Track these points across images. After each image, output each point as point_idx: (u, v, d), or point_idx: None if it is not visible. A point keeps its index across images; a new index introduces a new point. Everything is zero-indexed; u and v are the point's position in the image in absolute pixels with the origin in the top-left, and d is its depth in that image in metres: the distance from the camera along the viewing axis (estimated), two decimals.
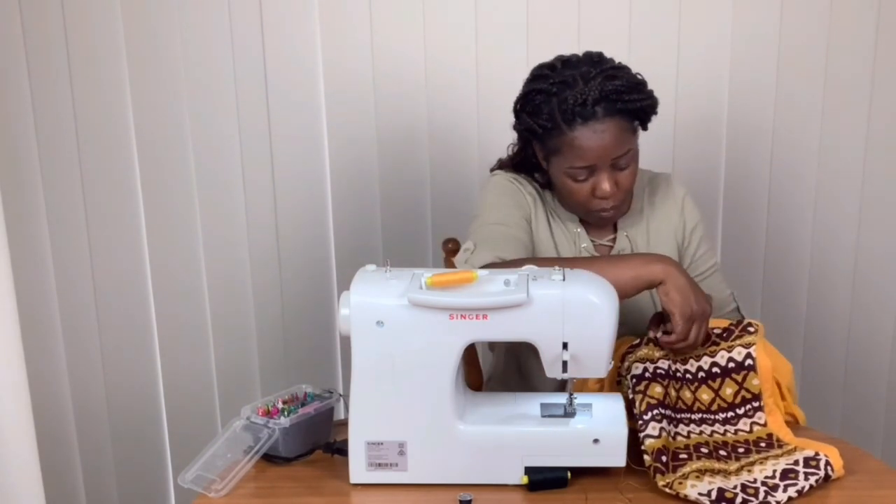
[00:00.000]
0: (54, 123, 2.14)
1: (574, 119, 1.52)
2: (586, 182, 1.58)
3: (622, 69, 1.58)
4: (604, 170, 1.56)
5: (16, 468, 1.72)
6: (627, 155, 1.57)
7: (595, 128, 1.52)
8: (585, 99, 1.51)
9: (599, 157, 1.54)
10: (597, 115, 1.52)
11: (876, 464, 1.40)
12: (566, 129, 1.53)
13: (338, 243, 2.26)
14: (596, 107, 1.52)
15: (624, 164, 1.57)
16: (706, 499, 1.26)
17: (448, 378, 1.32)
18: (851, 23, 2.15)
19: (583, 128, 1.53)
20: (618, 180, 1.58)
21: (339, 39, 2.15)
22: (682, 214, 1.73)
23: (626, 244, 1.70)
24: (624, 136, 1.55)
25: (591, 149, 1.53)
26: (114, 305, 2.26)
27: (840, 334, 2.34)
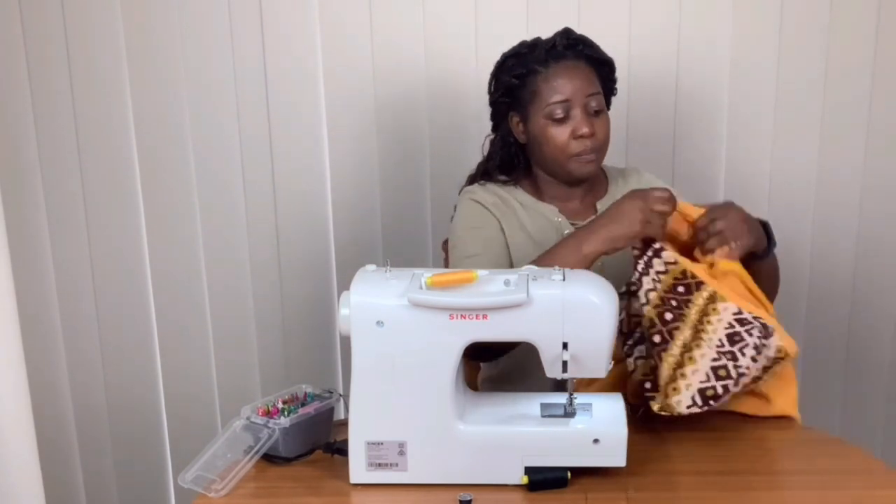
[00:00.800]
0: (54, 123, 2.14)
1: (547, 60, 1.69)
2: (565, 124, 1.68)
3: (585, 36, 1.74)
4: (579, 107, 1.68)
5: (16, 468, 1.72)
6: (598, 96, 1.69)
7: (567, 65, 1.69)
8: (554, 44, 1.70)
9: (574, 92, 1.67)
10: (567, 55, 1.70)
11: (876, 464, 1.40)
12: (541, 69, 1.69)
13: (338, 243, 2.26)
14: (567, 50, 1.70)
15: (597, 107, 1.69)
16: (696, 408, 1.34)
17: (448, 378, 1.32)
18: (851, 23, 2.15)
19: (556, 65, 1.69)
20: (595, 127, 1.69)
21: (339, 39, 2.15)
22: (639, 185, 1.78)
23: None
24: (593, 78, 1.70)
25: (566, 82, 1.67)
26: (114, 305, 2.26)
27: (840, 334, 2.34)
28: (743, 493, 1.33)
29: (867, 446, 1.63)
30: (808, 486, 1.34)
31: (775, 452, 1.45)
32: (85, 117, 2.14)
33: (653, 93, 2.16)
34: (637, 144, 2.16)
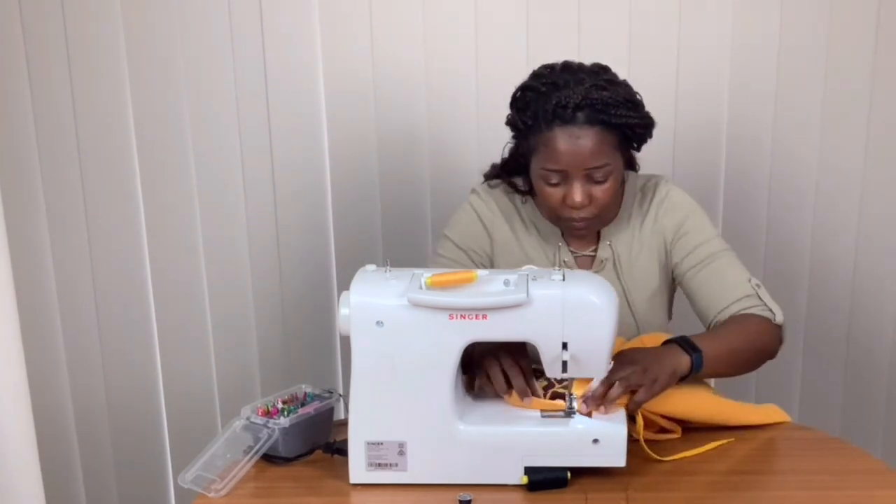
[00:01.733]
0: (54, 123, 2.14)
1: (553, 120, 1.51)
2: (558, 188, 1.56)
3: (618, 84, 1.56)
4: (577, 178, 1.54)
5: (16, 468, 1.72)
6: (603, 168, 1.54)
7: (572, 132, 1.51)
8: (568, 102, 1.50)
9: (571, 164, 1.52)
10: (577, 120, 1.50)
11: (876, 464, 1.40)
12: (545, 128, 1.52)
13: (338, 243, 2.26)
14: (577, 112, 1.50)
15: (600, 178, 1.54)
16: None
17: (448, 378, 1.32)
18: (851, 23, 2.15)
19: (560, 130, 1.51)
20: (592, 193, 1.55)
21: (339, 39, 2.15)
22: (667, 214, 1.68)
23: (608, 254, 1.68)
24: (603, 148, 1.52)
25: (564, 153, 1.51)
26: (114, 305, 2.26)
27: (840, 334, 2.34)
28: (743, 493, 1.33)
29: (867, 446, 1.63)
30: (808, 486, 1.34)
31: (775, 452, 1.46)
32: (85, 117, 2.14)
33: (653, 93, 2.15)
34: None
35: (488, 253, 1.72)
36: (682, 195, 1.71)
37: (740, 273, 1.64)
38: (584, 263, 1.69)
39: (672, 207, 1.68)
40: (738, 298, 1.60)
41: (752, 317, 1.59)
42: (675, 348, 1.49)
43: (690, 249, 1.66)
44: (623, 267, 1.68)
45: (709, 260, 1.64)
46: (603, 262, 1.68)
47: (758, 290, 1.62)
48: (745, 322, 1.58)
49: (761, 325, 1.59)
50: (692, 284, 1.65)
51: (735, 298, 1.60)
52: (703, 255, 1.65)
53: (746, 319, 1.59)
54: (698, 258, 1.65)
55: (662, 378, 1.42)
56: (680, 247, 1.67)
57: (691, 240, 1.66)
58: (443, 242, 1.74)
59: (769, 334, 1.60)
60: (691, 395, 1.50)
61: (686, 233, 1.67)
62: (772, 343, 1.60)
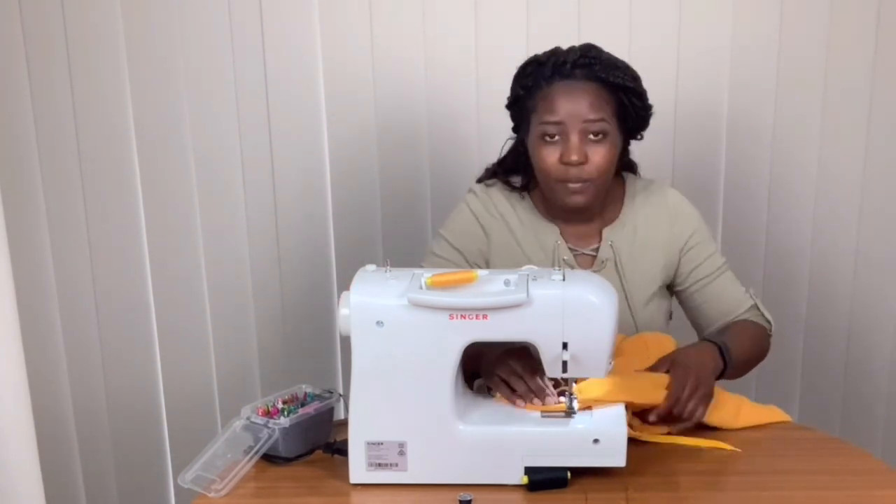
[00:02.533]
0: (54, 123, 2.14)
1: (553, 75, 1.58)
2: (556, 146, 1.58)
3: (614, 57, 1.62)
4: (574, 132, 1.56)
5: (16, 468, 1.72)
6: (600, 123, 1.56)
7: (571, 85, 1.57)
8: (566, 60, 1.58)
9: (570, 114, 1.56)
10: (574, 75, 1.57)
11: (876, 464, 1.40)
12: (544, 84, 1.59)
13: (338, 243, 2.26)
14: (575, 69, 1.57)
15: (596, 132, 1.56)
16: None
17: (448, 378, 1.32)
18: (851, 23, 2.15)
19: (559, 83, 1.58)
20: (589, 154, 1.57)
21: (339, 39, 2.15)
22: (677, 223, 1.70)
23: (609, 253, 1.68)
24: (600, 103, 1.57)
25: (563, 103, 1.56)
26: (114, 305, 2.26)
27: (840, 334, 2.34)
28: (743, 493, 1.33)
29: (867, 446, 1.63)
30: (808, 486, 1.34)
31: (775, 452, 1.45)
32: (85, 117, 2.14)
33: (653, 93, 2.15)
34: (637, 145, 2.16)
35: (484, 252, 1.72)
36: (685, 203, 1.74)
37: (740, 286, 1.74)
38: (584, 262, 1.69)
39: (687, 217, 1.72)
40: (744, 310, 1.70)
41: (756, 325, 1.70)
42: (715, 351, 1.55)
43: (700, 261, 1.71)
44: (624, 267, 1.68)
45: (717, 273, 1.71)
46: (604, 262, 1.68)
47: (755, 300, 1.72)
48: (751, 330, 1.68)
49: (762, 334, 1.71)
50: (699, 296, 1.71)
51: (741, 310, 1.70)
52: (711, 269, 1.71)
53: (751, 327, 1.68)
54: (706, 271, 1.71)
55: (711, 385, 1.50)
56: (691, 257, 1.71)
57: (701, 252, 1.71)
58: (438, 241, 1.74)
59: (766, 343, 1.72)
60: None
61: (697, 244, 1.71)
62: (767, 350, 1.71)
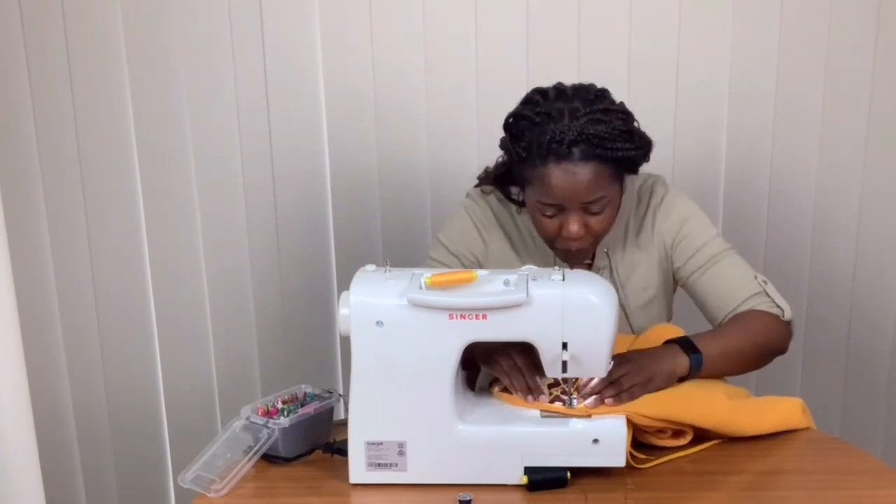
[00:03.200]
0: (54, 123, 2.13)
1: (548, 155, 1.47)
2: (554, 219, 1.54)
3: (615, 113, 1.51)
4: (573, 211, 1.51)
5: (16, 468, 1.72)
6: (600, 201, 1.51)
7: (568, 168, 1.47)
8: (563, 138, 1.45)
9: (568, 199, 1.49)
10: (572, 156, 1.46)
11: (876, 464, 1.40)
12: (539, 163, 1.48)
13: (338, 243, 2.26)
14: (573, 147, 1.46)
15: (596, 210, 1.52)
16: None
17: (448, 378, 1.32)
18: (851, 23, 2.15)
19: (555, 166, 1.47)
20: (588, 224, 1.53)
21: (339, 40, 2.15)
22: (666, 217, 1.67)
23: (604, 262, 1.68)
24: (599, 182, 1.49)
25: (561, 189, 1.48)
26: (114, 305, 2.25)
27: (840, 334, 2.34)
28: (743, 493, 1.33)
29: (867, 446, 1.63)
30: (808, 486, 1.34)
31: (775, 452, 1.45)
32: (85, 117, 2.14)
33: (653, 93, 2.16)
34: None
35: (479, 259, 1.70)
36: (679, 197, 1.69)
37: (746, 271, 1.63)
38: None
39: (669, 212, 1.67)
40: (747, 297, 1.59)
41: (758, 314, 1.58)
42: (675, 349, 1.49)
43: (692, 253, 1.65)
44: (620, 275, 1.67)
45: (713, 261, 1.63)
46: (599, 271, 1.67)
47: (765, 286, 1.60)
48: (750, 320, 1.57)
49: (768, 322, 1.58)
50: (698, 287, 1.64)
51: (744, 298, 1.59)
52: (707, 258, 1.64)
53: (751, 317, 1.57)
54: (701, 261, 1.64)
55: (658, 379, 1.43)
56: (681, 251, 1.66)
57: (692, 243, 1.65)
58: (436, 246, 1.73)
59: (776, 331, 1.58)
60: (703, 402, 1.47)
61: (686, 236, 1.65)
62: (779, 339, 1.59)
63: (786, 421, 1.50)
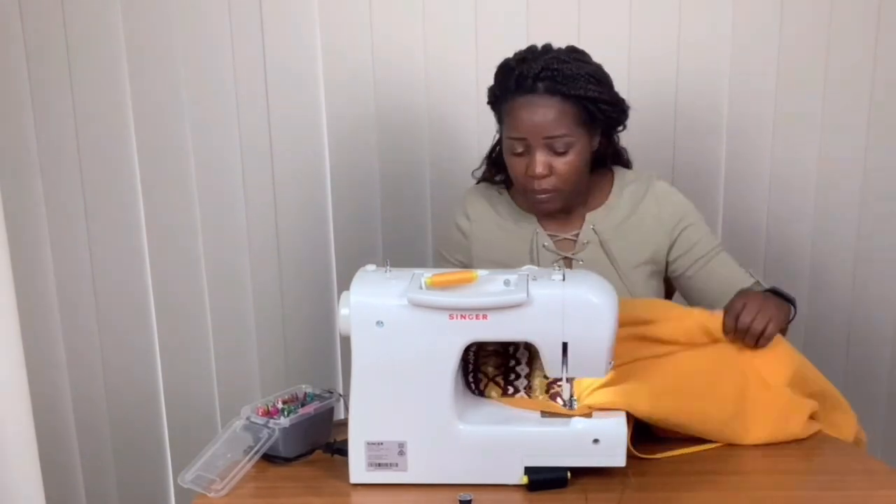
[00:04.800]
0: (54, 123, 2.14)
1: (516, 90, 1.58)
2: (522, 158, 1.61)
3: (585, 62, 1.61)
4: (537, 148, 1.58)
5: (16, 468, 1.72)
6: (563, 139, 1.58)
7: (532, 100, 1.57)
8: (529, 72, 1.56)
9: (530, 132, 1.57)
10: (536, 89, 1.56)
11: (876, 464, 1.40)
12: (508, 97, 1.59)
13: (338, 243, 2.26)
14: (537, 82, 1.56)
15: (560, 148, 1.59)
16: None
17: (448, 378, 1.32)
18: (851, 23, 2.15)
19: (521, 98, 1.57)
20: (553, 165, 1.60)
21: (339, 39, 2.15)
22: (664, 208, 1.73)
23: (591, 236, 1.72)
24: (562, 119, 1.57)
25: (524, 121, 1.57)
26: (114, 305, 2.26)
27: (840, 334, 2.34)
28: (743, 493, 1.33)
29: (867, 446, 1.63)
30: (808, 486, 1.34)
31: (775, 452, 1.45)
32: (85, 117, 2.14)
33: (653, 93, 2.16)
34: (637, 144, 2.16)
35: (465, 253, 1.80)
36: (673, 191, 1.76)
37: (738, 265, 1.74)
38: (565, 246, 1.73)
39: (673, 201, 1.74)
40: (748, 286, 1.67)
41: None
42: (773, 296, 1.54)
43: (696, 241, 1.72)
44: (608, 245, 1.72)
45: (713, 253, 1.72)
46: (585, 244, 1.72)
47: (756, 277, 1.71)
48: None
49: None
50: (699, 276, 1.72)
51: (745, 286, 1.66)
52: (707, 249, 1.72)
53: None
54: (705, 249, 1.72)
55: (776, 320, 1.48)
56: (685, 237, 1.72)
57: (693, 234, 1.72)
58: (438, 259, 1.85)
59: None
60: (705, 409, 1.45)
61: (689, 226, 1.72)
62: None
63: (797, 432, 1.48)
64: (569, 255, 1.72)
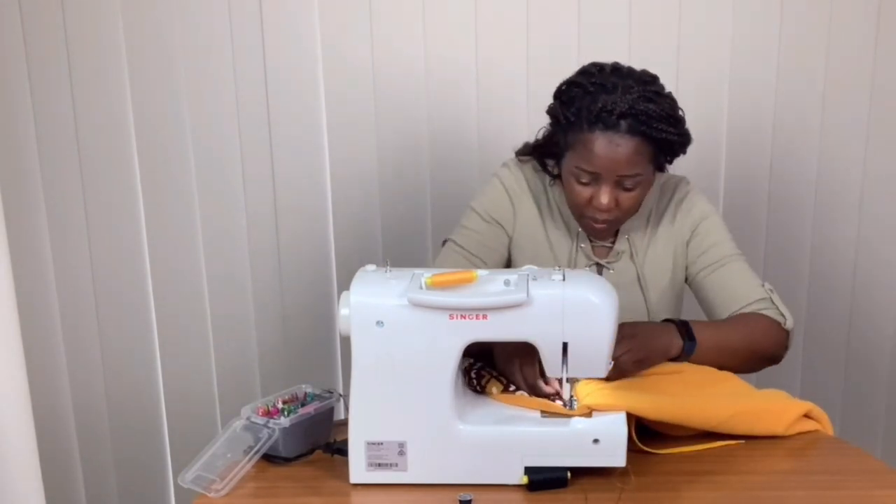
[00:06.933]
0: (54, 123, 2.14)
1: (596, 122, 1.52)
2: (588, 187, 1.58)
3: (665, 97, 1.57)
4: (607, 183, 1.56)
5: (16, 468, 1.72)
6: (635, 178, 1.56)
7: (612, 138, 1.52)
8: (614, 108, 1.51)
9: (606, 168, 1.54)
10: (619, 127, 1.51)
11: (876, 464, 1.40)
12: (586, 128, 1.53)
13: (338, 243, 2.26)
14: (621, 119, 1.51)
15: (629, 186, 1.56)
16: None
17: (448, 378, 1.32)
18: (851, 23, 2.15)
19: (601, 134, 1.52)
20: (619, 199, 1.58)
21: (339, 39, 2.15)
22: (685, 214, 1.71)
23: (625, 246, 1.70)
24: (638, 158, 1.54)
25: (601, 157, 1.53)
26: (114, 305, 2.26)
27: (840, 334, 2.34)
28: (743, 493, 1.33)
29: (867, 446, 1.63)
30: (808, 486, 1.34)
31: (775, 452, 1.45)
32: (85, 117, 2.14)
33: None
34: None
35: (511, 226, 1.73)
36: (701, 198, 1.73)
37: (754, 277, 1.67)
38: (601, 253, 1.72)
39: (689, 209, 1.71)
40: (753, 301, 1.63)
41: (761, 317, 1.61)
42: (672, 329, 1.53)
43: (705, 249, 1.69)
44: (638, 258, 1.70)
45: (723, 261, 1.68)
46: (620, 255, 1.71)
47: (771, 294, 1.64)
48: (751, 321, 1.61)
49: (768, 328, 1.61)
50: (706, 284, 1.68)
51: (750, 301, 1.63)
52: (718, 256, 1.68)
53: (753, 319, 1.61)
54: (712, 259, 1.68)
55: (653, 357, 1.48)
56: (695, 246, 1.70)
57: (706, 240, 1.69)
58: (469, 214, 1.74)
59: (774, 337, 1.61)
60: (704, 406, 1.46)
61: (701, 233, 1.70)
62: (776, 346, 1.62)
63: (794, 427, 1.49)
64: (602, 262, 1.71)
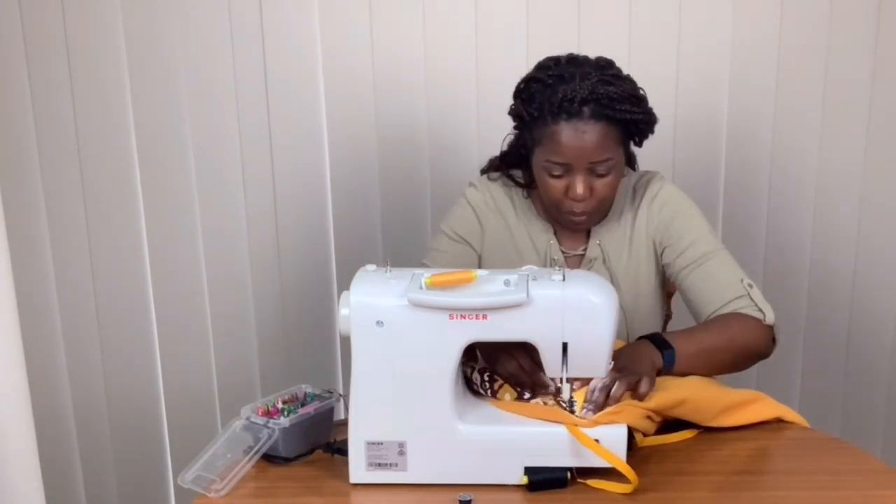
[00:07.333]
0: (54, 123, 2.14)
1: (559, 113, 1.52)
2: (561, 180, 1.57)
3: (623, 79, 1.57)
4: (580, 171, 1.55)
5: (16, 468, 1.72)
6: (606, 163, 1.55)
7: (577, 126, 1.52)
8: (574, 96, 1.51)
9: (576, 157, 1.53)
10: (582, 114, 1.51)
11: (876, 464, 1.40)
12: (550, 121, 1.53)
13: (338, 243, 2.26)
14: (583, 106, 1.51)
15: (602, 171, 1.56)
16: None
17: (448, 378, 1.32)
18: (851, 23, 2.15)
19: (565, 124, 1.52)
20: (593, 186, 1.57)
21: (338, 39, 2.15)
22: (659, 213, 1.68)
23: (597, 253, 1.69)
24: (607, 143, 1.54)
25: (569, 147, 1.53)
26: (114, 305, 2.26)
27: (840, 334, 2.34)
28: (743, 493, 1.33)
29: (867, 446, 1.63)
30: (808, 486, 1.34)
31: (775, 452, 1.45)
32: (85, 118, 2.14)
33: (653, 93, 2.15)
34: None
35: (479, 243, 1.73)
36: (674, 192, 1.70)
37: (732, 273, 1.63)
38: (572, 263, 1.70)
39: (662, 207, 1.68)
40: (730, 300, 1.60)
41: (737, 316, 1.58)
42: (648, 345, 1.51)
43: (682, 250, 1.65)
44: (612, 265, 1.69)
45: (701, 260, 1.64)
46: (591, 262, 1.69)
47: (749, 290, 1.61)
48: (728, 321, 1.58)
49: (746, 325, 1.58)
50: (685, 285, 1.65)
51: (727, 300, 1.60)
52: (696, 256, 1.64)
53: (729, 319, 1.58)
54: (690, 258, 1.64)
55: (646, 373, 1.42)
56: (672, 247, 1.67)
57: (683, 240, 1.66)
58: (438, 237, 1.75)
59: (755, 334, 1.59)
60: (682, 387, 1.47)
61: (677, 233, 1.66)
62: (758, 343, 1.59)
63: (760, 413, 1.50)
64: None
